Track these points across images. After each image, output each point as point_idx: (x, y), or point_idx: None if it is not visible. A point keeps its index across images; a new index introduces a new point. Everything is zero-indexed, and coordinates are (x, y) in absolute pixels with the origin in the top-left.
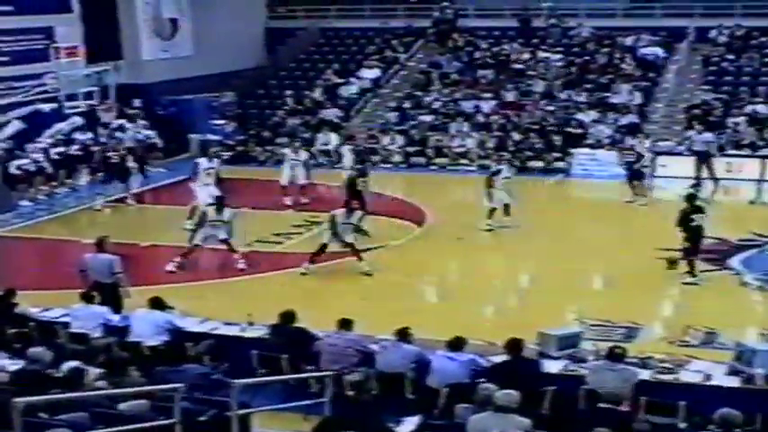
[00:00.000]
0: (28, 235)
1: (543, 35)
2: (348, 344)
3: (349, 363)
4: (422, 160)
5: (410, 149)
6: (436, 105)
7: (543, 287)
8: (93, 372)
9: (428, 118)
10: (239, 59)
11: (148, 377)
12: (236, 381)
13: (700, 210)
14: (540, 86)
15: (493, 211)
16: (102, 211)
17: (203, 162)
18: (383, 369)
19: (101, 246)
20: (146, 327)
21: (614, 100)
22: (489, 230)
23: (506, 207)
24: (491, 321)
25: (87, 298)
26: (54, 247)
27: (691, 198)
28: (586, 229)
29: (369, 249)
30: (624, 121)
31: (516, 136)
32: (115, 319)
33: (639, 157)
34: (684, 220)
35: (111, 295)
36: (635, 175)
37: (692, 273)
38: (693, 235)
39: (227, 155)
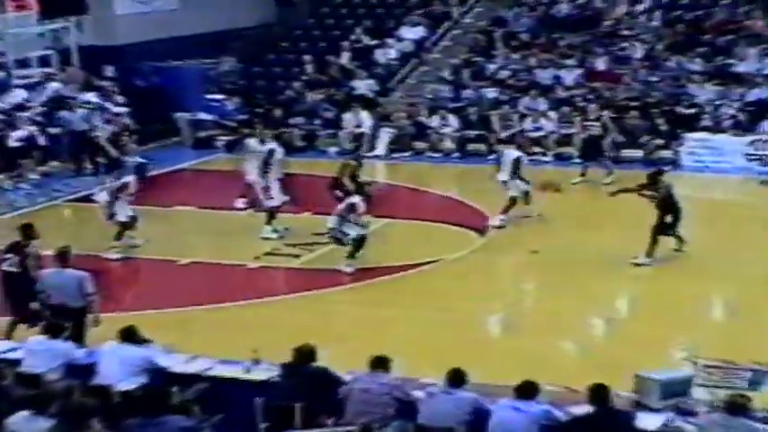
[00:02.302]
0: None
1: None
2: (384, 389)
3: (383, 413)
4: (482, 147)
5: (467, 133)
6: (502, 75)
7: (643, 316)
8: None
9: (491, 92)
10: (241, 15)
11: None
12: None
13: None
14: (638, 51)
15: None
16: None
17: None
18: (427, 422)
19: (64, 258)
20: (116, 365)
21: (739, 69)
22: (501, 227)
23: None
24: (573, 361)
25: (53, 329)
26: None
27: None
28: (700, 241)
29: (417, 266)
30: (751, 96)
31: (607, 115)
32: (79, 355)
33: None
34: None
35: (76, 324)
36: None
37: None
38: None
39: (225, 139)
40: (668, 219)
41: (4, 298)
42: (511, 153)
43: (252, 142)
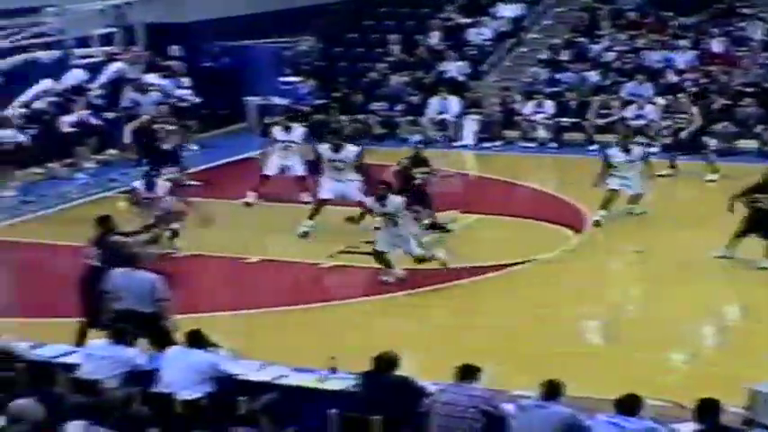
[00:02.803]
0: (10, 237)
1: None
2: (471, 402)
3: (470, 428)
4: (579, 137)
5: (563, 121)
6: (608, 58)
7: (757, 324)
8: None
9: (594, 76)
10: None
11: None
12: None
13: None
14: (758, 32)
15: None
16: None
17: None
18: None
19: (137, 259)
20: (180, 372)
21: None
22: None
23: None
24: (680, 373)
25: (117, 333)
26: (49, 255)
27: None
28: None
29: (505, 266)
30: None
31: (721, 101)
32: (143, 361)
33: None
34: None
35: (153, 331)
36: None
37: None
38: None
39: (299, 125)
40: None
41: (82, 296)
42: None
43: (275, 130)
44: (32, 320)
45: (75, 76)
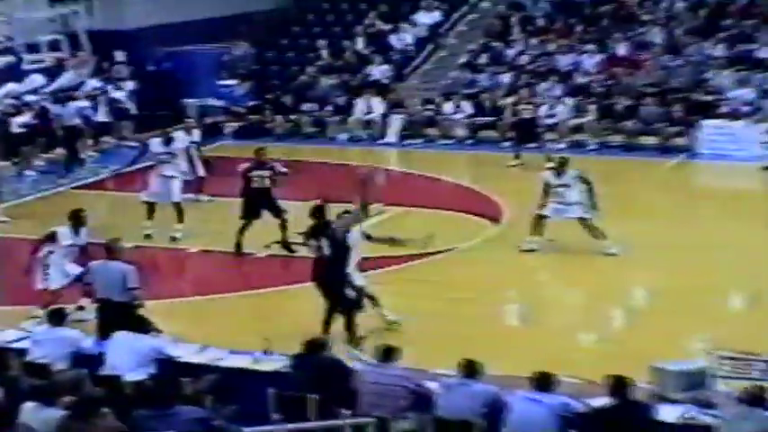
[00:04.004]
0: None
1: None
2: (395, 381)
3: (396, 406)
4: (494, 134)
5: (480, 120)
6: (522, 61)
7: (659, 307)
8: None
9: (507, 78)
10: None
11: (128, 423)
12: (246, 429)
13: None
14: (658, 36)
15: None
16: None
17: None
18: (444, 415)
19: (112, 251)
20: (126, 355)
21: (761, 54)
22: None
23: None
24: (590, 352)
25: (56, 317)
26: (5, 247)
27: None
28: (717, 231)
29: (428, 255)
30: None
31: (625, 102)
32: (87, 344)
33: None
34: None
35: (126, 319)
36: None
37: None
38: None
39: (234, 125)
40: None
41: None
42: None
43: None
44: None
45: (33, 81)
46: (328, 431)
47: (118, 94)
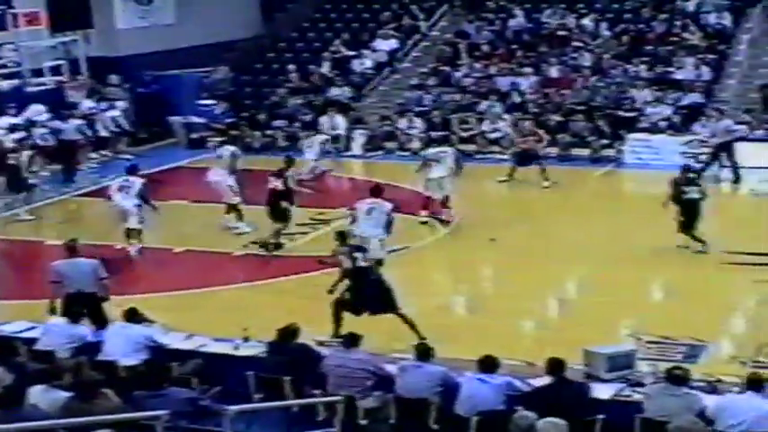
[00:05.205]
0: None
1: None
2: (358, 364)
3: (361, 386)
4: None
5: (432, 134)
6: (466, 82)
7: (590, 298)
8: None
9: (456, 97)
10: (232, 28)
11: (126, 403)
12: (229, 407)
13: (693, 182)
14: (587, 60)
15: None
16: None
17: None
18: (403, 394)
19: (74, 250)
20: (121, 343)
21: (677, 76)
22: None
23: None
24: (530, 338)
25: (73, 315)
26: (17, 249)
27: (684, 170)
28: (641, 230)
29: (388, 252)
30: (686, 101)
31: (556, 118)
32: (90, 337)
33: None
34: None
35: (95, 308)
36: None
37: (699, 241)
38: (686, 209)
39: (216, 140)
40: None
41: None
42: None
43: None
44: None
45: (34, 110)
46: (303, 408)
47: (113, 113)
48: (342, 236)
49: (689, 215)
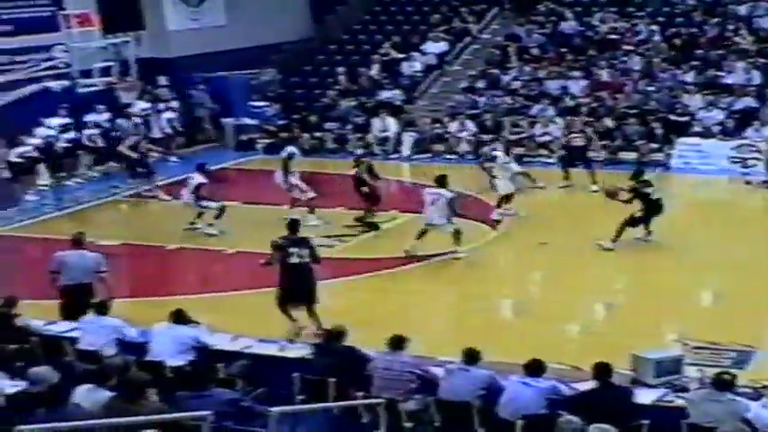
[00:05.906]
0: (33, 234)
1: (640, 2)
2: (404, 367)
3: (404, 388)
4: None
5: (483, 137)
6: (515, 85)
7: (639, 303)
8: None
9: (508, 100)
10: (282, 30)
11: (169, 403)
12: (273, 408)
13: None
14: (637, 64)
15: (503, 200)
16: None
17: None
18: (446, 397)
19: (79, 243)
20: (168, 344)
21: (727, 80)
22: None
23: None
24: (577, 342)
25: (99, 308)
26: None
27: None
28: (689, 235)
29: (435, 256)
30: (738, 105)
31: (609, 122)
32: (132, 333)
33: None
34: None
35: (85, 297)
36: None
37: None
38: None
39: (265, 142)
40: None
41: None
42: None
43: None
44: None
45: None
46: (346, 411)
47: (169, 115)
48: (293, 226)
49: None
